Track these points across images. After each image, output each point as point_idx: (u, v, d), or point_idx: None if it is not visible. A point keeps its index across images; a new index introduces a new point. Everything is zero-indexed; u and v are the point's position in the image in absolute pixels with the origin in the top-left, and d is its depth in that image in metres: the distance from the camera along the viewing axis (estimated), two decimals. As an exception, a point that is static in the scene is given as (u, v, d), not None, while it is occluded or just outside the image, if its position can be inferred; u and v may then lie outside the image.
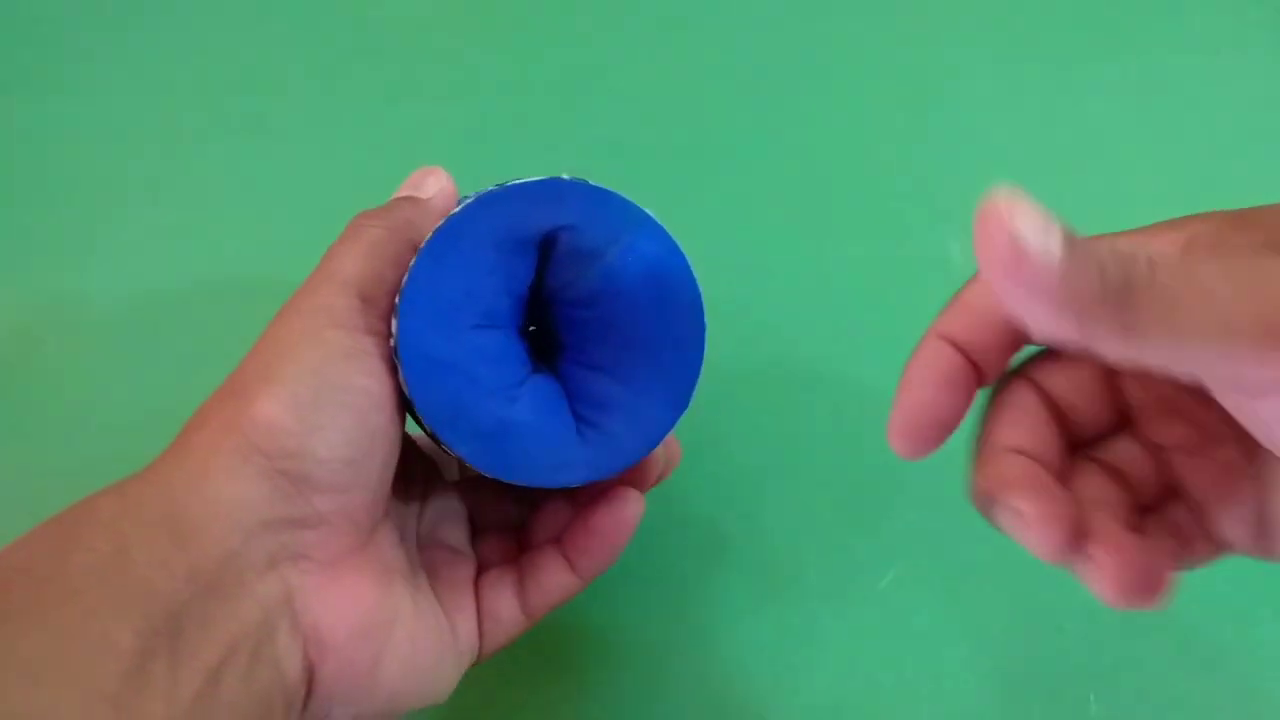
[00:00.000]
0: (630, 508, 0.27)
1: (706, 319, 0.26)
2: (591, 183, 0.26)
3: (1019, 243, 0.16)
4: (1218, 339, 0.16)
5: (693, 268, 0.26)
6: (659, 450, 0.28)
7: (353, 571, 0.25)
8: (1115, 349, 0.17)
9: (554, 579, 0.28)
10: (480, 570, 0.29)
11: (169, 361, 0.40)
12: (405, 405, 0.25)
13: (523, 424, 0.25)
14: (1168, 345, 0.16)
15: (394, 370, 0.25)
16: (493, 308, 0.25)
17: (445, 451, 0.25)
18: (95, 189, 0.44)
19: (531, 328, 0.28)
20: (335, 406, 0.23)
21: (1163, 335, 0.16)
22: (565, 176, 0.25)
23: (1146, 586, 0.20)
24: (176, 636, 0.21)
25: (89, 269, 0.42)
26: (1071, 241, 0.16)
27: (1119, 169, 0.44)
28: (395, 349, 0.24)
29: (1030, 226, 0.16)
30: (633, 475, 0.28)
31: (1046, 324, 0.17)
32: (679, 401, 0.26)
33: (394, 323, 0.25)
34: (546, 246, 0.26)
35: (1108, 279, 0.16)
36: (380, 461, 0.25)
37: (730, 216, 0.43)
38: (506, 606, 0.28)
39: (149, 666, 0.20)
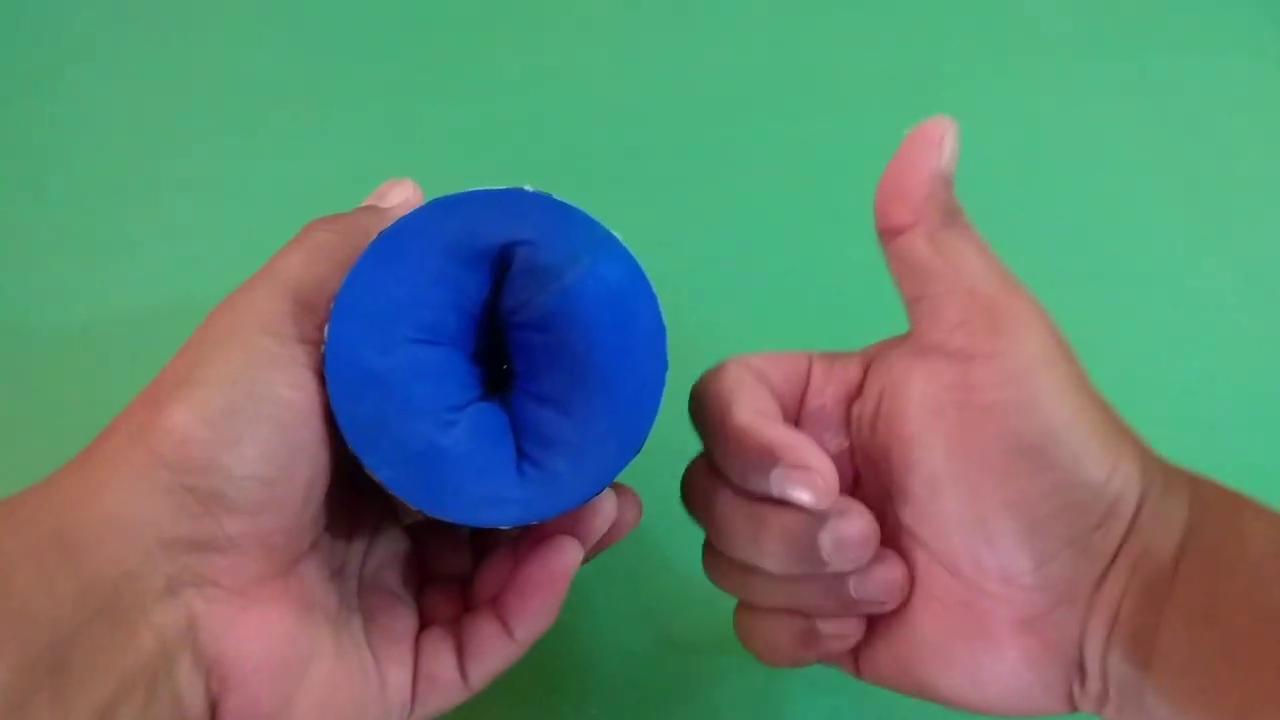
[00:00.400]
0: (564, 557, 0.25)
1: (669, 354, 0.24)
2: (556, 197, 0.23)
3: (944, 138, 0.24)
4: (949, 284, 0.24)
5: (658, 297, 0.24)
6: (606, 499, 0.25)
7: (267, 602, 0.23)
8: (915, 245, 0.24)
9: (491, 646, 0.25)
10: (424, 624, 0.27)
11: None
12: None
13: (456, 452, 0.23)
14: (933, 263, 0.24)
15: (326, 383, 0.23)
16: (437, 321, 0.23)
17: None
18: (94, 190, 0.43)
19: (505, 366, 0.25)
20: (253, 418, 0.21)
21: (936, 256, 0.24)
22: (528, 188, 0.24)
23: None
24: (61, 670, 0.19)
25: (86, 270, 0.41)
26: (952, 175, 0.25)
27: (1118, 170, 0.44)
28: (321, 329, 0.23)
29: (952, 143, 0.24)
30: (575, 524, 0.25)
31: (904, 198, 0.24)
32: (630, 444, 0.23)
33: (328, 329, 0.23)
34: (503, 263, 0.24)
35: (949, 204, 0.24)
36: (302, 482, 0.23)
37: (715, 219, 0.42)
38: (445, 669, 0.26)
39: (29, 704, 0.18)
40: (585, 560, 0.26)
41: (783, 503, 0.24)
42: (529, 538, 0.26)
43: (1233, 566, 0.22)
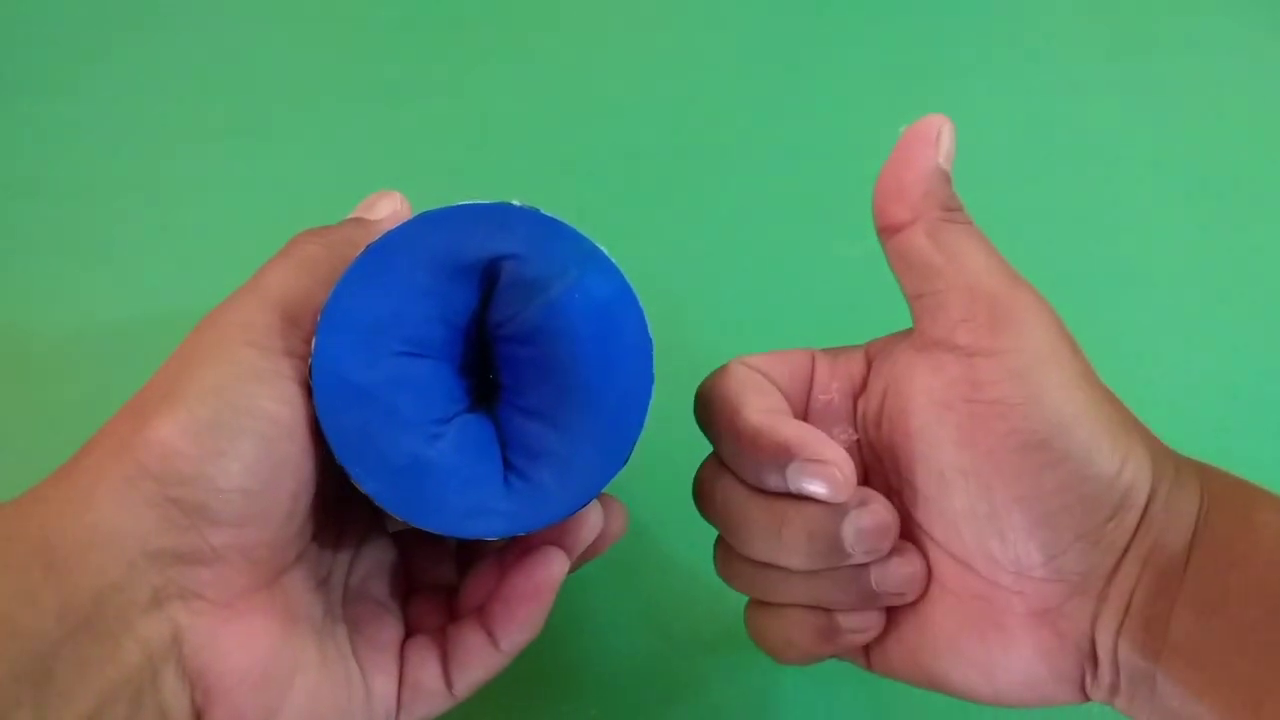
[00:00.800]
0: (550, 568, 0.25)
1: (655, 369, 0.24)
2: (543, 211, 0.24)
3: (940, 135, 0.25)
4: (950, 280, 0.24)
5: (645, 312, 0.24)
6: (593, 510, 0.25)
7: (251, 614, 0.23)
8: (915, 241, 0.24)
9: (475, 655, 0.25)
10: (410, 632, 0.27)
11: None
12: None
13: (442, 465, 0.23)
14: (934, 260, 0.24)
15: (312, 396, 0.23)
16: (424, 335, 0.23)
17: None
18: (91, 191, 0.43)
19: (492, 378, 0.25)
20: (237, 432, 0.22)
21: (937, 253, 0.24)
22: (515, 202, 0.24)
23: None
24: (44, 683, 0.19)
25: (83, 272, 0.41)
26: (949, 171, 0.25)
27: (1117, 169, 0.44)
28: (308, 342, 0.23)
29: (949, 139, 0.25)
30: (561, 535, 0.25)
31: (902, 196, 0.25)
32: (616, 457, 0.23)
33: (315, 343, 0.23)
34: (490, 277, 0.24)
35: (948, 199, 0.25)
36: (287, 495, 0.23)
37: (712, 220, 0.42)
38: (430, 678, 0.26)
39: (11, 717, 0.18)
40: (571, 570, 0.26)
41: (802, 498, 0.24)
42: (515, 548, 0.26)
43: (1244, 557, 0.22)
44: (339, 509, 0.26)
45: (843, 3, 0.48)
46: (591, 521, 0.26)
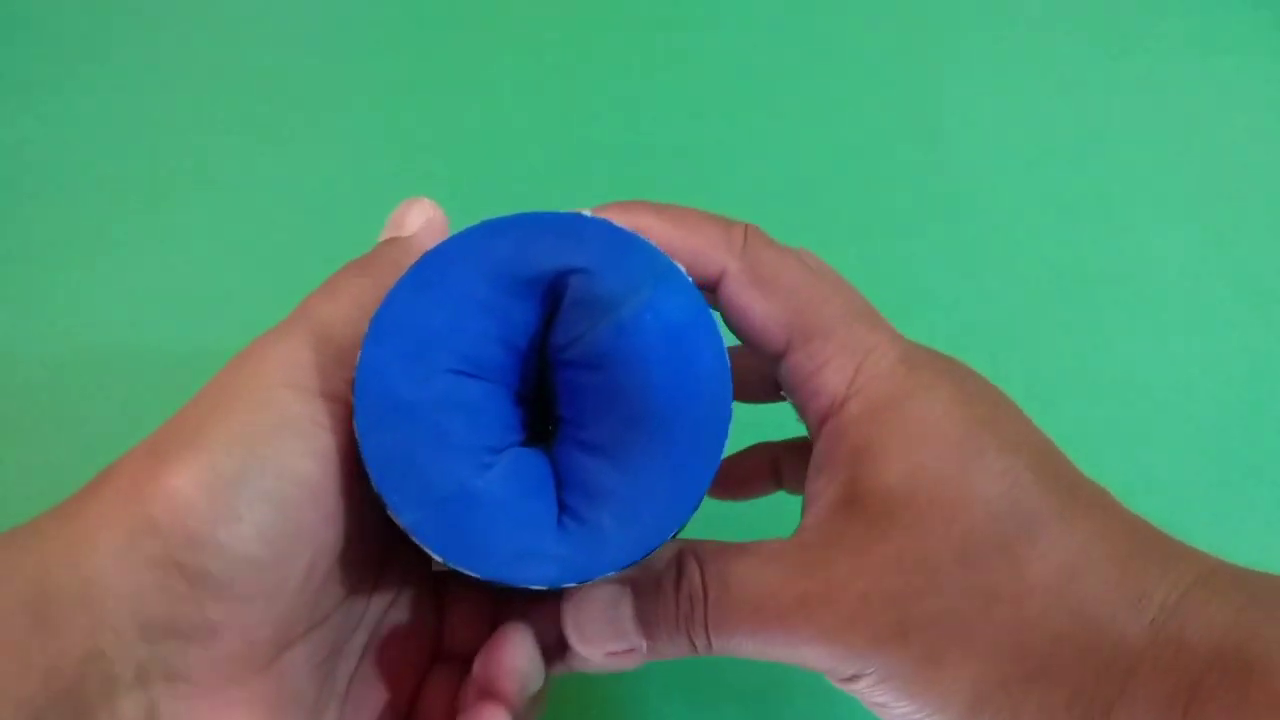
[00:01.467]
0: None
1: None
2: (615, 223, 0.21)
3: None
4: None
5: (724, 337, 0.22)
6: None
7: (239, 703, 0.20)
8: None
9: None
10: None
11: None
12: (362, 477, 0.20)
13: (490, 497, 0.20)
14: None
15: (354, 441, 0.20)
16: (480, 354, 0.21)
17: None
18: (91, 190, 0.42)
19: (552, 416, 0.23)
20: (258, 493, 0.19)
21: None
22: (586, 212, 0.21)
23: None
24: None
25: (81, 273, 0.39)
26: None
27: (1117, 169, 0.44)
28: (352, 385, 0.20)
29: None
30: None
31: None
32: (686, 499, 0.21)
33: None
34: (555, 295, 0.21)
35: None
36: (301, 568, 0.20)
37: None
38: None
39: None
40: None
41: None
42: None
43: None
44: (369, 569, 0.23)
45: (843, 2, 0.48)
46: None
